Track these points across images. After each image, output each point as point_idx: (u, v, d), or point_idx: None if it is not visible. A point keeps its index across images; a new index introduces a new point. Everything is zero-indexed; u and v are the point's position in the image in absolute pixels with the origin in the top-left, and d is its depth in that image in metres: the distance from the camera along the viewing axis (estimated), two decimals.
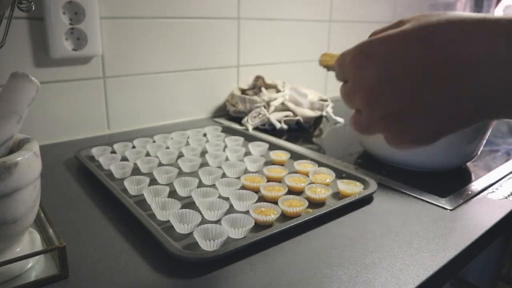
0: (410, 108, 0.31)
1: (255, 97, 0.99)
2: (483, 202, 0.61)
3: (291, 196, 0.56)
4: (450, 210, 0.57)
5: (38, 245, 0.44)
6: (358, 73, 0.32)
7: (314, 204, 0.57)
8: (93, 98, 0.86)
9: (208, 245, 0.44)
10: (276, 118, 0.95)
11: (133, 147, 0.76)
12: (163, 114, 0.97)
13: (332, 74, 0.39)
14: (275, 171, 0.65)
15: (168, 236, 0.47)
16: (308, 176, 0.64)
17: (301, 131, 0.97)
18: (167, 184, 0.61)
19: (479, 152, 0.72)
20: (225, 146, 0.79)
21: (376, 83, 0.31)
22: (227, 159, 0.72)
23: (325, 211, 0.53)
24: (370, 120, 0.33)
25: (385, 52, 0.31)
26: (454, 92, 0.29)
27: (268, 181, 0.63)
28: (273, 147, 0.79)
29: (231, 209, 0.54)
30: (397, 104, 0.31)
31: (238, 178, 0.63)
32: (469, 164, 0.76)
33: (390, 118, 0.32)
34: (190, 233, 0.48)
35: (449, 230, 0.52)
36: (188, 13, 0.95)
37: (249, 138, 0.85)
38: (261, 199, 0.58)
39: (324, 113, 1.03)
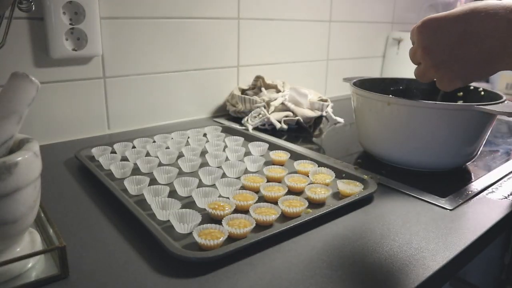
0: (449, 59, 0.50)
1: (255, 97, 0.99)
2: (483, 202, 0.61)
3: (291, 196, 0.56)
4: (450, 210, 0.57)
5: (38, 245, 0.44)
6: (419, 37, 0.52)
7: (314, 204, 0.57)
8: (93, 98, 0.86)
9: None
10: (276, 118, 0.95)
11: (133, 147, 0.76)
12: (163, 114, 0.97)
13: (331, 74, 0.39)
14: (275, 171, 0.65)
15: (168, 236, 0.47)
16: (308, 176, 0.64)
17: (301, 131, 0.97)
18: (167, 184, 0.61)
19: (479, 152, 0.72)
20: (225, 146, 0.79)
21: (429, 43, 0.51)
22: (227, 159, 0.72)
23: (325, 211, 0.53)
24: (426, 68, 0.53)
25: (436, 25, 0.50)
26: (475, 51, 0.48)
27: (268, 181, 0.63)
28: (273, 147, 0.79)
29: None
30: (441, 56, 0.51)
31: (238, 178, 0.63)
32: (469, 164, 0.76)
33: (437, 66, 0.52)
34: (190, 233, 0.48)
35: (449, 230, 0.52)
36: (188, 13, 0.95)
37: (249, 138, 0.85)
38: (261, 199, 0.58)
39: (324, 113, 1.03)
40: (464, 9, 0.48)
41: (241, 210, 0.54)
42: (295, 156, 0.74)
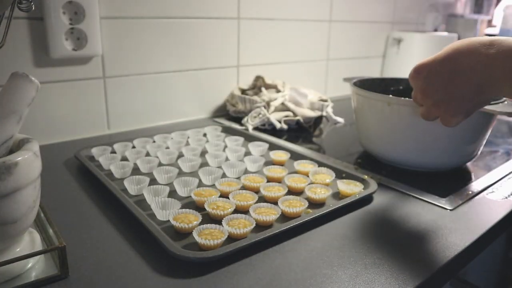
0: (445, 97, 0.54)
1: (255, 97, 0.99)
2: (483, 202, 0.61)
3: (291, 197, 0.56)
4: (450, 210, 0.57)
5: (38, 245, 0.44)
6: (415, 82, 0.57)
7: (314, 204, 0.57)
8: (93, 98, 0.86)
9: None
10: (276, 118, 0.95)
11: (133, 147, 0.76)
12: (163, 114, 0.97)
13: (331, 74, 0.39)
14: (275, 171, 0.65)
15: (168, 236, 0.47)
16: (308, 176, 0.64)
17: (301, 131, 0.97)
18: (167, 184, 0.61)
19: (479, 152, 0.72)
20: (225, 146, 0.79)
21: (425, 86, 0.56)
22: (227, 159, 0.72)
23: (325, 211, 0.53)
24: (428, 108, 0.58)
25: (427, 70, 0.55)
26: (466, 86, 0.52)
27: (268, 181, 0.63)
28: (273, 147, 0.79)
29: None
30: (438, 95, 0.54)
31: (238, 178, 0.63)
32: (469, 164, 0.76)
33: (437, 104, 0.55)
34: (190, 233, 0.48)
35: (449, 230, 0.52)
36: (188, 13, 0.95)
37: (249, 138, 0.85)
38: (261, 199, 0.58)
39: (324, 113, 1.03)
40: (448, 51, 0.53)
41: (241, 210, 0.54)
42: (295, 156, 0.74)
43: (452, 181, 0.69)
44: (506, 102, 0.66)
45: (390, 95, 0.70)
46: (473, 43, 0.50)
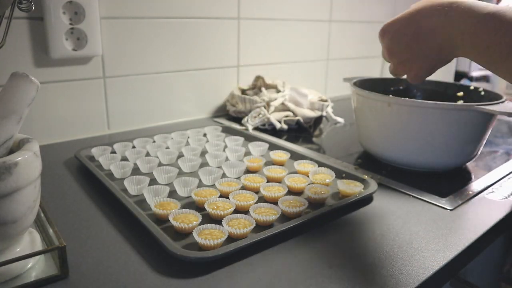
0: (411, 56, 0.56)
1: (255, 97, 0.99)
2: (483, 202, 0.61)
3: (291, 197, 0.56)
4: (450, 210, 0.57)
5: (38, 245, 0.44)
6: (382, 41, 0.59)
7: (314, 204, 0.57)
8: (93, 98, 0.86)
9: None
10: (276, 118, 0.95)
11: (133, 147, 0.76)
12: (163, 114, 0.97)
13: (331, 74, 0.40)
14: (275, 171, 0.65)
15: (168, 236, 0.47)
16: (308, 176, 0.64)
17: (301, 131, 0.97)
18: (167, 184, 0.61)
19: (479, 152, 0.72)
20: (225, 146, 0.79)
21: (390, 45, 0.57)
22: (227, 159, 0.72)
23: (325, 211, 0.53)
24: (395, 66, 0.59)
25: (393, 29, 0.57)
26: (428, 46, 0.53)
27: (268, 181, 0.63)
28: (273, 147, 0.79)
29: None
30: (403, 55, 0.56)
31: (238, 178, 0.63)
32: (469, 164, 0.76)
33: (403, 63, 0.57)
34: (190, 233, 0.48)
35: (449, 230, 0.52)
36: (188, 13, 0.95)
37: (249, 138, 0.85)
38: (261, 199, 0.58)
39: (324, 113, 1.03)
40: (412, 11, 0.55)
41: (241, 210, 0.54)
42: (295, 156, 0.74)
43: (452, 181, 0.69)
44: (506, 102, 0.66)
45: (390, 95, 0.70)
46: (435, 5, 0.52)
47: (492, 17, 0.45)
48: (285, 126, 0.94)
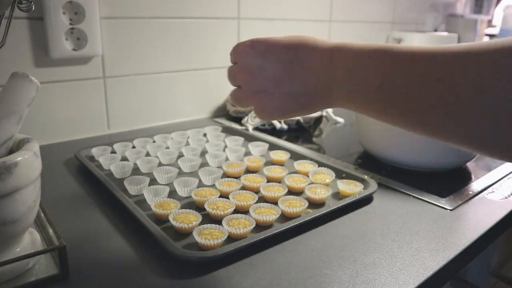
0: (273, 90, 0.44)
1: None
2: (483, 202, 0.61)
3: (291, 197, 0.56)
4: (450, 210, 0.57)
5: (38, 245, 0.44)
6: (245, 58, 0.45)
7: (314, 204, 0.57)
8: (93, 98, 0.86)
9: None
10: None
11: (133, 147, 0.76)
12: (163, 114, 0.97)
13: None
14: (275, 171, 0.65)
15: (168, 236, 0.47)
16: (308, 176, 0.64)
17: (301, 131, 0.97)
18: (167, 184, 0.61)
19: None
20: (225, 146, 0.79)
21: (254, 67, 0.44)
22: (227, 159, 0.72)
23: (325, 211, 0.53)
24: (246, 94, 0.46)
25: (265, 49, 0.44)
26: (299, 85, 0.43)
27: (268, 181, 0.63)
28: (273, 147, 0.79)
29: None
30: (266, 84, 0.44)
31: (238, 178, 0.63)
32: (469, 164, 0.76)
33: (259, 94, 0.44)
34: (190, 233, 0.48)
35: (449, 230, 0.52)
36: (188, 13, 0.95)
37: (249, 138, 0.85)
38: (261, 199, 0.58)
39: (324, 113, 1.03)
40: (294, 40, 0.45)
41: (241, 210, 0.54)
42: (295, 156, 0.74)
43: (452, 181, 0.69)
44: None
45: None
46: (320, 42, 0.43)
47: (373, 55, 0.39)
48: (285, 126, 0.94)
